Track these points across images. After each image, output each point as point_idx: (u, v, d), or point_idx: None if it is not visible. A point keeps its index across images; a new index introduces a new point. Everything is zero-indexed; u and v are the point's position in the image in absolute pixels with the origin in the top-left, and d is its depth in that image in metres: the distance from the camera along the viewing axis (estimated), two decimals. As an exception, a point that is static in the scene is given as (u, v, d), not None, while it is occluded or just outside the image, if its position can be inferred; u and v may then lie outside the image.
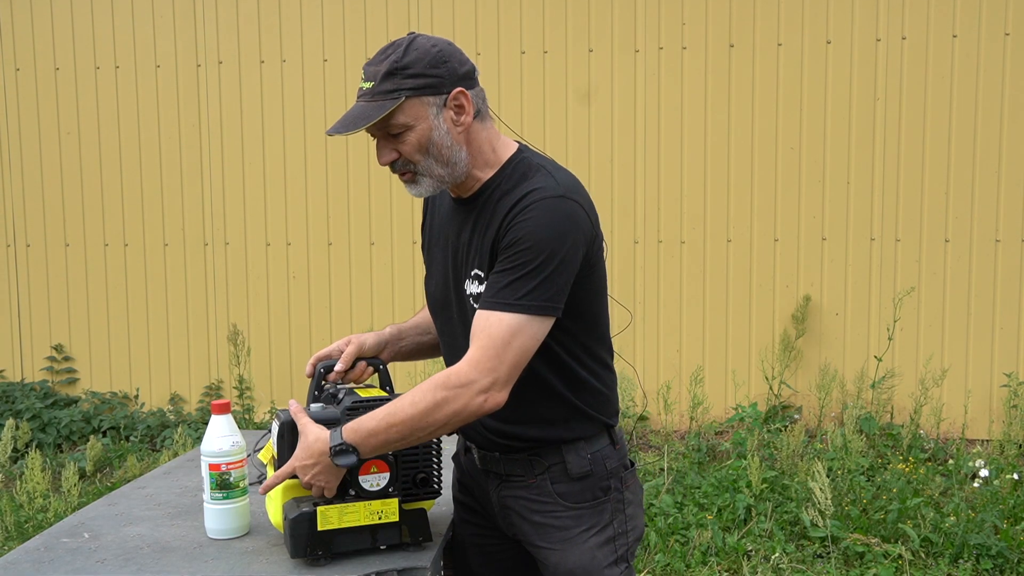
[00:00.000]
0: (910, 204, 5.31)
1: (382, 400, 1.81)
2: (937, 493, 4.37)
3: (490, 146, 1.81)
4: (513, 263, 1.68)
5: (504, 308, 1.67)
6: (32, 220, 5.98)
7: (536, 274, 1.67)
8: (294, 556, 1.75)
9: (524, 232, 1.68)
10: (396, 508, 1.79)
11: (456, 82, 1.73)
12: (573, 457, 1.85)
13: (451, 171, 1.77)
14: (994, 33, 5.16)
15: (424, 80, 1.70)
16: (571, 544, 1.85)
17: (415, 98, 1.70)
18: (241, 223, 5.83)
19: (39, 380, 6.00)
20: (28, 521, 4.33)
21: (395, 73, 1.69)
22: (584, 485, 1.86)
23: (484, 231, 1.77)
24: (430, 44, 1.73)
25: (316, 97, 5.71)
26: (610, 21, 5.45)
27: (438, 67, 1.71)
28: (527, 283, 1.67)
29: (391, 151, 1.75)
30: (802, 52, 5.33)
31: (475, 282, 1.79)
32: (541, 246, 1.67)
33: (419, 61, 1.70)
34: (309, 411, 1.81)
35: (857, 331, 5.39)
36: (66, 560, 1.81)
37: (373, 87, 1.70)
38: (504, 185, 1.77)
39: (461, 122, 1.75)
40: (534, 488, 1.87)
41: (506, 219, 1.71)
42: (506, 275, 1.68)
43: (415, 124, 1.72)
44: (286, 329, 5.83)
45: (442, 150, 1.74)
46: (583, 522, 1.86)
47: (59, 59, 5.90)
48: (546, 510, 1.86)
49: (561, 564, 1.85)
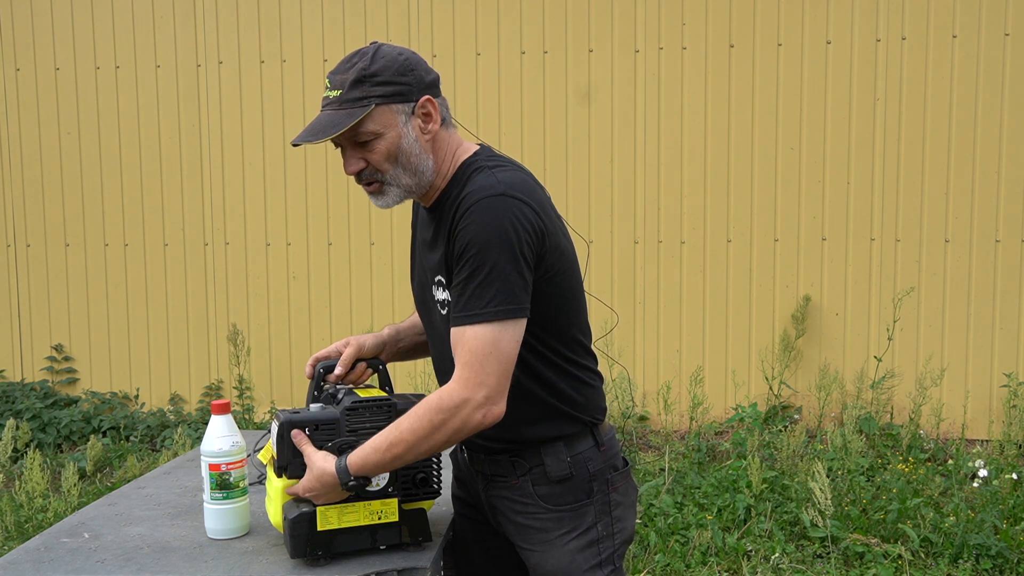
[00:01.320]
0: (910, 204, 5.31)
1: (381, 400, 1.81)
2: (937, 493, 4.37)
3: (452, 154, 1.80)
4: (467, 272, 1.66)
5: (474, 320, 1.65)
6: (32, 220, 5.98)
7: (492, 280, 1.64)
8: (294, 556, 1.75)
9: (468, 238, 1.65)
10: (396, 508, 1.79)
11: (423, 90, 1.74)
12: (552, 460, 1.83)
13: (418, 180, 1.76)
14: (994, 33, 5.16)
15: (393, 88, 1.70)
16: (550, 546, 1.84)
17: (384, 105, 1.70)
18: (241, 223, 5.84)
19: (39, 380, 6.00)
20: (28, 521, 4.33)
21: (364, 81, 1.68)
22: (565, 488, 1.84)
23: (444, 239, 1.75)
24: (396, 52, 1.73)
25: (316, 97, 5.70)
26: (610, 21, 5.46)
27: (406, 75, 1.71)
28: (487, 290, 1.64)
29: (359, 160, 1.74)
30: (802, 52, 5.34)
31: (439, 288, 1.79)
32: (487, 249, 1.64)
33: (387, 69, 1.70)
34: (308, 411, 1.81)
35: (857, 331, 5.39)
36: (66, 560, 1.81)
37: (341, 95, 1.69)
38: (453, 191, 1.75)
39: (428, 130, 1.75)
40: (517, 489, 1.87)
41: (453, 225, 1.69)
42: (465, 286, 1.66)
43: (384, 132, 1.71)
44: (286, 329, 5.83)
45: (411, 158, 1.73)
46: (563, 525, 1.84)
47: (59, 59, 5.90)
48: (528, 511, 1.86)
49: (540, 566, 1.85)
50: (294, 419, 1.78)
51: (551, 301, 1.76)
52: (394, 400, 1.82)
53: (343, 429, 1.78)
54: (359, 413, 1.79)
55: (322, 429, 1.77)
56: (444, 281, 1.76)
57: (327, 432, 1.77)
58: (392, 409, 1.80)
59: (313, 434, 1.77)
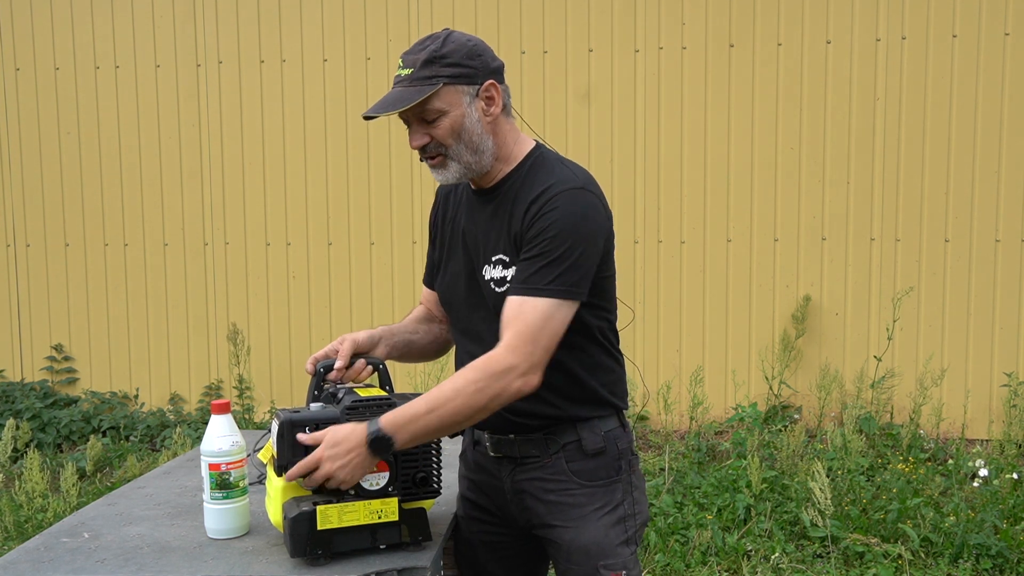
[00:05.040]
0: (910, 204, 5.31)
1: (382, 400, 1.81)
2: (937, 493, 4.37)
3: (512, 140, 1.91)
4: (540, 251, 1.77)
5: (535, 293, 1.76)
6: (32, 220, 5.98)
7: (562, 261, 1.77)
8: (294, 555, 1.75)
9: (549, 222, 1.77)
10: (396, 507, 1.79)
11: (488, 75, 1.85)
12: (588, 434, 1.92)
13: (478, 159, 1.86)
14: (994, 33, 5.16)
15: (460, 69, 1.81)
16: (585, 521, 1.91)
17: (451, 85, 1.80)
18: (241, 223, 5.83)
19: (39, 380, 6.00)
20: (28, 521, 4.33)
21: (433, 61, 1.79)
22: (598, 463, 1.93)
23: (507, 220, 1.86)
24: (465, 39, 1.84)
25: (316, 97, 5.71)
26: (610, 21, 5.45)
27: (473, 59, 1.83)
28: (554, 269, 1.76)
29: (423, 135, 1.84)
30: (802, 52, 5.34)
31: (497, 267, 1.87)
32: (565, 234, 1.77)
33: (456, 52, 1.81)
34: (309, 410, 1.81)
35: (857, 331, 5.39)
36: (66, 560, 1.81)
37: (412, 73, 1.80)
38: (524, 178, 1.87)
39: (490, 113, 1.85)
40: (549, 468, 1.93)
41: (530, 209, 1.81)
42: (534, 262, 1.78)
43: (449, 110, 1.81)
44: (286, 329, 5.83)
45: (472, 137, 1.83)
46: (596, 500, 1.92)
47: (59, 59, 5.90)
48: (561, 488, 1.92)
49: (575, 541, 1.90)
50: (294, 418, 1.78)
51: (604, 290, 1.93)
52: (394, 399, 1.82)
53: None
54: (359, 412, 1.80)
55: (322, 428, 1.77)
56: (507, 260, 1.85)
57: None
58: (392, 409, 1.79)
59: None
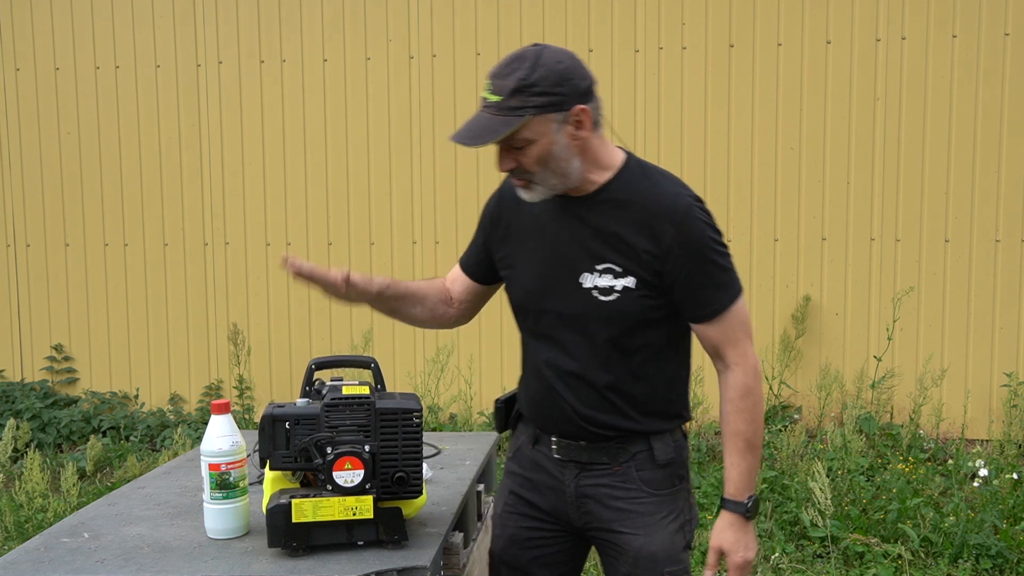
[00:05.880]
0: (910, 204, 5.31)
1: (361, 398, 1.83)
2: (937, 493, 4.37)
3: (602, 151, 1.90)
4: (707, 265, 1.86)
5: (733, 300, 1.89)
6: (32, 220, 5.98)
7: (727, 264, 1.89)
8: (271, 546, 1.79)
9: (698, 234, 1.85)
10: (371, 505, 1.80)
11: (577, 99, 1.80)
12: (660, 444, 1.96)
13: (564, 181, 1.85)
14: (994, 33, 5.16)
15: (549, 99, 1.77)
16: (654, 529, 1.95)
17: (539, 115, 1.77)
18: (241, 223, 5.83)
19: (39, 380, 6.00)
20: (28, 521, 4.33)
21: (522, 91, 1.75)
22: (666, 473, 1.97)
23: (616, 228, 1.87)
24: (555, 61, 1.78)
25: (316, 97, 5.71)
26: (610, 21, 5.45)
27: (562, 85, 1.78)
28: (727, 274, 1.89)
29: (511, 160, 1.83)
30: (802, 52, 5.34)
31: (605, 275, 1.88)
32: (713, 245, 1.87)
33: (545, 80, 1.76)
34: (294, 406, 1.84)
35: (857, 331, 5.39)
36: (66, 560, 1.81)
37: (500, 102, 1.77)
38: (630, 186, 1.88)
39: (579, 136, 1.83)
40: (618, 475, 1.95)
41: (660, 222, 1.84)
42: (709, 275, 1.87)
43: (537, 139, 1.79)
44: (286, 329, 5.83)
45: (560, 163, 1.82)
46: (663, 508, 1.96)
47: (59, 59, 5.90)
48: (630, 496, 1.95)
49: (645, 548, 1.94)
50: (276, 413, 1.82)
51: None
52: (373, 399, 1.84)
53: (323, 425, 1.81)
54: (339, 410, 1.82)
55: (303, 424, 1.82)
56: (618, 269, 1.87)
57: (307, 427, 1.81)
58: (371, 407, 1.82)
59: (294, 428, 1.81)
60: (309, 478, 1.88)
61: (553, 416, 1.97)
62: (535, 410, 2.03)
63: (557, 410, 1.96)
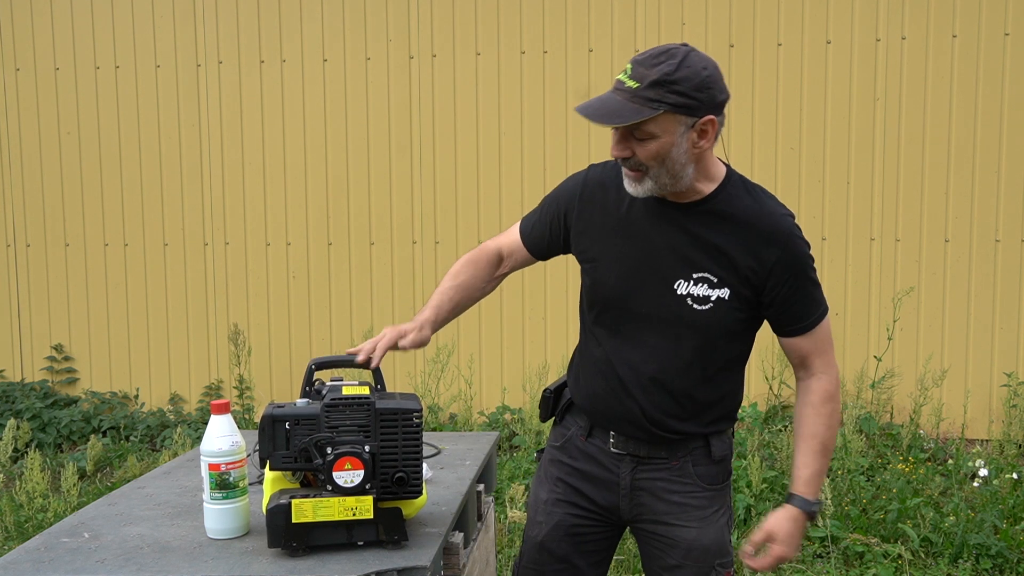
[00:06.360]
0: (910, 204, 5.31)
1: (361, 399, 1.83)
2: (937, 493, 4.37)
3: (712, 163, 1.92)
4: (801, 282, 1.92)
5: (823, 316, 1.97)
6: (32, 220, 5.98)
7: (818, 280, 1.96)
8: (271, 546, 1.79)
9: (800, 254, 1.90)
10: (370, 505, 1.80)
11: (711, 109, 1.81)
12: (716, 441, 2.02)
13: (674, 183, 1.85)
14: (994, 33, 5.16)
15: (685, 100, 1.76)
16: (708, 523, 2.01)
17: (672, 113, 1.76)
18: (241, 223, 5.83)
19: (39, 380, 6.00)
20: (28, 521, 4.33)
21: (662, 84, 1.74)
22: (719, 468, 2.03)
23: (718, 240, 1.89)
24: (701, 66, 1.78)
25: (316, 97, 5.71)
26: (610, 21, 5.45)
27: (702, 91, 1.78)
28: (818, 292, 1.96)
29: (627, 148, 1.82)
30: (802, 52, 5.34)
31: (700, 284, 1.90)
32: (809, 263, 1.93)
33: (687, 80, 1.75)
34: (294, 406, 1.84)
35: (857, 331, 5.39)
36: (66, 560, 1.81)
37: (637, 88, 1.75)
38: (733, 201, 1.91)
39: (700, 145, 1.83)
40: (676, 470, 2.00)
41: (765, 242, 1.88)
42: (806, 292, 1.93)
43: (661, 136, 1.78)
44: (286, 329, 5.83)
45: (675, 165, 1.82)
46: (716, 502, 2.03)
47: (59, 59, 5.90)
48: (685, 490, 2.00)
49: (698, 540, 2.00)
50: (275, 413, 1.82)
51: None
52: (373, 399, 1.84)
53: (323, 425, 1.81)
54: (339, 410, 1.82)
55: (303, 424, 1.82)
56: (714, 280, 1.89)
57: (307, 427, 1.81)
58: (370, 407, 1.82)
59: (294, 428, 1.81)
60: (309, 478, 1.88)
61: (618, 414, 1.99)
62: (596, 405, 2.04)
63: (624, 409, 1.98)
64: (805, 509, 1.93)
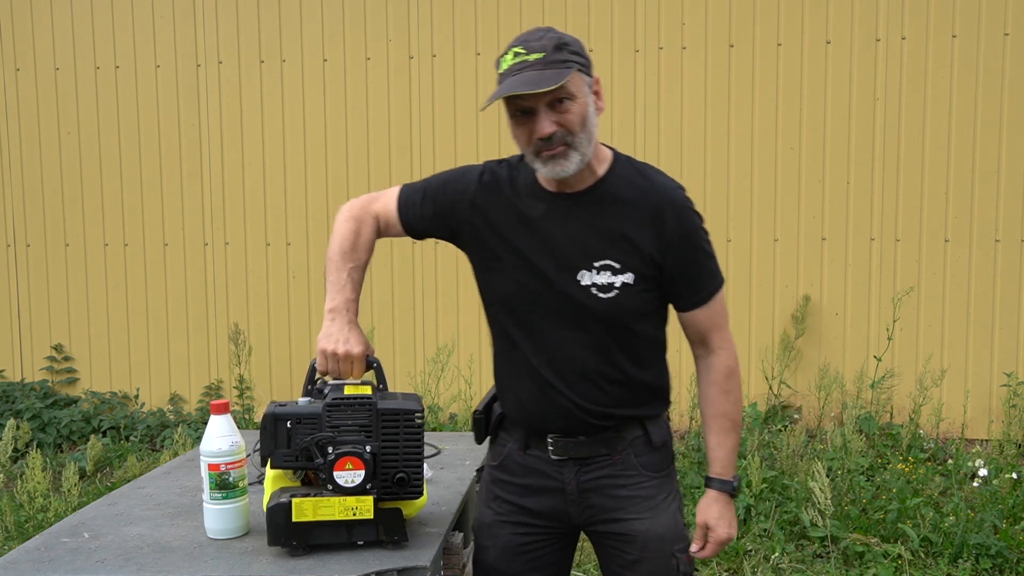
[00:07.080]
0: (910, 204, 5.31)
1: (363, 398, 1.83)
2: (936, 493, 4.37)
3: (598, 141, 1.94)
4: (695, 255, 1.94)
5: (717, 289, 1.99)
6: (32, 220, 5.98)
7: (713, 251, 1.98)
8: (271, 544, 1.79)
9: (694, 225, 1.93)
10: (371, 506, 1.81)
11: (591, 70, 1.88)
12: (654, 428, 2.03)
13: (588, 152, 1.86)
14: (994, 33, 5.16)
15: (582, 59, 1.84)
16: (658, 511, 2.00)
17: (579, 73, 1.82)
18: (241, 223, 5.84)
19: (39, 380, 6.00)
20: (28, 521, 4.33)
21: (563, 47, 1.81)
22: (661, 454, 2.04)
23: (616, 225, 1.90)
24: (570, 36, 1.86)
25: (316, 97, 5.71)
26: (610, 21, 5.46)
27: (583, 54, 1.86)
28: (715, 261, 1.98)
29: (552, 123, 1.81)
30: (802, 52, 5.34)
31: (603, 272, 1.90)
32: (705, 229, 1.96)
33: (575, 43, 1.85)
34: (295, 405, 1.84)
35: (857, 331, 5.39)
36: (66, 560, 1.81)
37: (545, 57, 1.78)
38: (625, 182, 1.93)
39: (599, 107, 1.89)
40: (619, 464, 1.99)
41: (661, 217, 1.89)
42: (699, 266, 1.95)
43: (578, 96, 1.82)
44: (286, 329, 5.83)
45: (591, 128, 1.85)
46: (663, 489, 2.03)
47: (59, 59, 5.90)
48: (632, 482, 2.00)
49: (652, 530, 1.99)
50: (277, 412, 1.82)
51: None
52: (374, 399, 1.84)
53: (324, 424, 1.81)
54: (340, 410, 1.82)
55: (304, 423, 1.82)
56: (617, 266, 1.89)
57: (309, 426, 1.82)
58: (372, 407, 1.81)
59: (295, 427, 1.81)
60: (311, 477, 1.88)
61: (550, 414, 1.96)
62: (528, 411, 2.00)
63: (555, 407, 1.95)
64: (725, 490, 2.00)
